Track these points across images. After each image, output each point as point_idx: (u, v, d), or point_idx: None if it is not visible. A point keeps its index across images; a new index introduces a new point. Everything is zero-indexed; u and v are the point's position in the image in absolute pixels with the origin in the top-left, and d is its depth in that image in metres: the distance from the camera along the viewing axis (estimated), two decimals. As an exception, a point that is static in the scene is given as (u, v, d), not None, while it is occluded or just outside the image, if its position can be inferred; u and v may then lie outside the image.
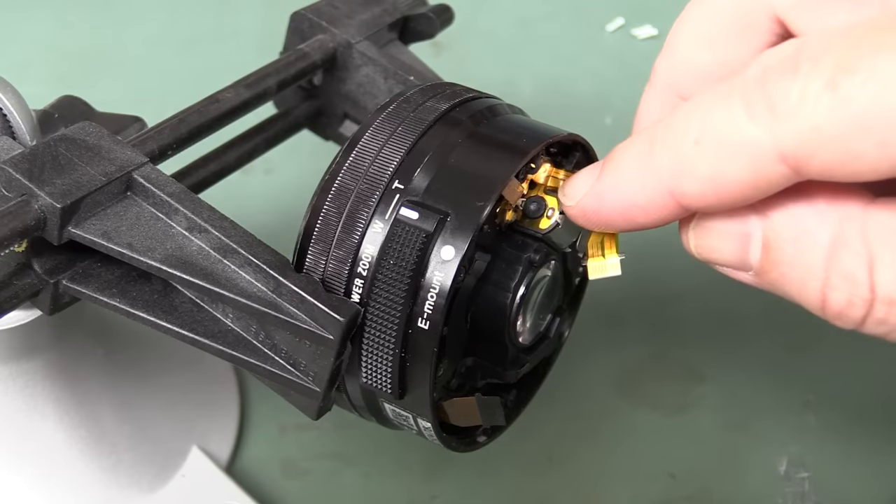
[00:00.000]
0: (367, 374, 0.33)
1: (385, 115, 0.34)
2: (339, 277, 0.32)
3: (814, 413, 0.50)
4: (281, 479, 0.47)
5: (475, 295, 0.33)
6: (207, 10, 0.70)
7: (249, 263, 0.32)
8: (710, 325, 0.54)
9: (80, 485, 0.43)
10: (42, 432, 0.42)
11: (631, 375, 0.52)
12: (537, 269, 0.34)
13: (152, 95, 0.63)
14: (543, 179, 0.35)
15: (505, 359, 0.35)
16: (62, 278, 0.34)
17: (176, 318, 0.33)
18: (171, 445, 0.45)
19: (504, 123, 0.35)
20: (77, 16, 0.69)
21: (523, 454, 0.48)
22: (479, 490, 0.47)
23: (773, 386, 0.52)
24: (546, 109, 0.58)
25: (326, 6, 0.43)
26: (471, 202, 0.32)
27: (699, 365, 0.52)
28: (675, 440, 0.49)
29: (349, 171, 0.33)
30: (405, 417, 0.34)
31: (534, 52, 0.69)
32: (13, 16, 0.68)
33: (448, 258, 0.31)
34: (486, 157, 0.33)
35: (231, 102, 0.39)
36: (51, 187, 0.32)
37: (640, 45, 0.70)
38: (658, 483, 0.48)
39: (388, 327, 0.32)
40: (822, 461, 0.49)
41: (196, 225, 0.33)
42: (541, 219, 0.35)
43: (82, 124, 0.35)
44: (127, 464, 0.44)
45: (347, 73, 0.42)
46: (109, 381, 0.44)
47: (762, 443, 0.49)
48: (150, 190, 0.33)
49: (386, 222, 0.32)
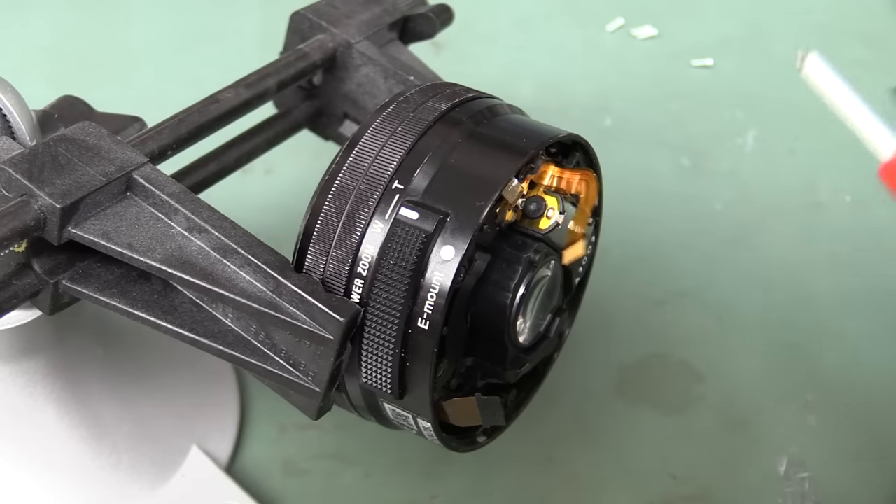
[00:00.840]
0: (367, 374, 0.33)
1: (385, 115, 0.34)
2: (339, 277, 0.32)
3: (814, 413, 0.50)
4: (281, 479, 0.47)
5: (475, 295, 0.33)
6: (207, 10, 0.70)
7: (249, 263, 0.32)
8: (710, 325, 0.54)
9: (81, 484, 0.43)
10: (42, 432, 0.42)
11: (631, 375, 0.52)
12: (537, 269, 0.34)
13: (152, 95, 0.63)
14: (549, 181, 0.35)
15: (505, 359, 0.35)
16: (62, 278, 0.34)
17: (176, 318, 0.33)
18: (171, 445, 0.45)
19: (504, 123, 0.35)
20: (77, 16, 0.69)
21: (523, 454, 0.48)
22: (479, 490, 0.47)
23: (773, 386, 0.52)
24: (546, 109, 0.58)
25: (326, 6, 0.43)
26: (471, 202, 0.32)
27: (699, 365, 0.52)
28: (675, 440, 0.49)
29: (349, 171, 0.33)
30: (405, 417, 0.34)
31: (534, 52, 0.69)
32: (13, 16, 0.68)
33: (448, 258, 0.31)
34: (485, 157, 0.33)
35: (231, 102, 0.39)
36: (51, 187, 0.32)
37: (640, 45, 0.70)
38: (658, 483, 0.48)
39: (388, 327, 0.32)
40: (822, 461, 0.49)
41: (196, 225, 0.33)
42: (541, 219, 0.35)
43: (82, 124, 0.35)
44: (127, 463, 0.44)
45: (347, 73, 0.42)
46: (109, 380, 0.44)
47: (762, 443, 0.49)
48: (150, 190, 0.33)
49: (386, 222, 0.32)
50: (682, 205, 0.60)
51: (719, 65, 0.69)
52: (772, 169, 0.63)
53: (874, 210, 0.60)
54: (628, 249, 0.57)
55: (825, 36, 0.72)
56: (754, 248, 0.58)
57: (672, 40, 0.71)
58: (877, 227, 0.59)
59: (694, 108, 0.66)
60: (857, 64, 0.69)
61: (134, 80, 0.65)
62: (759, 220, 0.60)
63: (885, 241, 0.59)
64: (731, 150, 0.63)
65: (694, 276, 0.56)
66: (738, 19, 0.73)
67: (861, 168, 0.63)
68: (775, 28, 0.72)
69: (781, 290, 0.56)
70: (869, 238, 0.59)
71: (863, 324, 0.54)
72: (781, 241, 0.58)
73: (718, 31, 0.72)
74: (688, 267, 0.56)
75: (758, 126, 0.65)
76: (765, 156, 0.63)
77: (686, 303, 0.55)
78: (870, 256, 0.58)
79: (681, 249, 0.57)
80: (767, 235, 0.59)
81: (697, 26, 0.72)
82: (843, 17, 0.73)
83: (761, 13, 0.73)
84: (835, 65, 0.36)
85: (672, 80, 0.68)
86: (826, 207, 0.60)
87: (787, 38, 0.71)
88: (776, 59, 0.70)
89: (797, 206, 0.60)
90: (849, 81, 0.35)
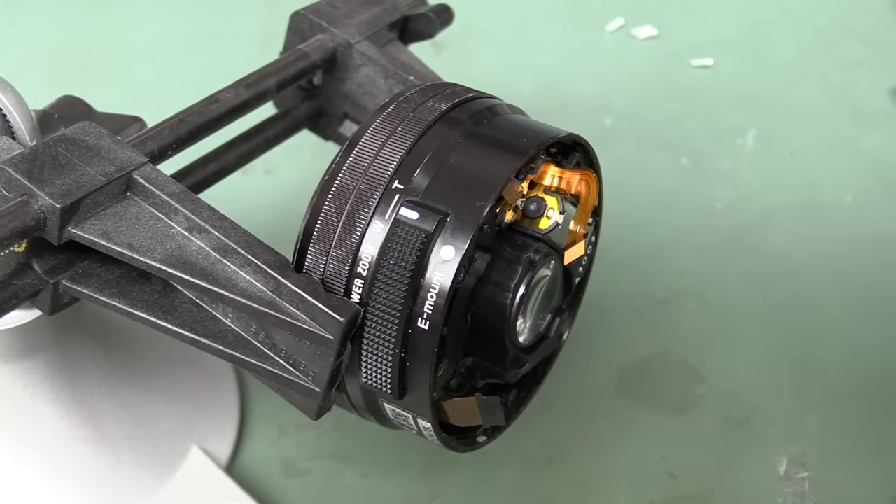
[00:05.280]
0: (367, 374, 0.33)
1: (385, 115, 0.34)
2: (339, 277, 0.32)
3: (814, 413, 0.50)
4: (281, 479, 0.47)
5: (475, 295, 0.33)
6: (207, 10, 0.70)
7: (249, 263, 0.32)
8: (710, 325, 0.54)
9: (81, 484, 0.43)
10: (42, 433, 0.42)
11: (631, 375, 0.52)
12: (537, 269, 0.34)
13: (152, 95, 0.63)
14: (549, 181, 0.35)
15: (505, 359, 0.35)
16: (62, 278, 0.34)
17: (176, 318, 0.33)
18: (171, 445, 0.45)
19: (504, 123, 0.35)
20: (77, 16, 0.69)
21: (523, 454, 0.48)
22: (479, 490, 0.47)
23: (774, 386, 0.52)
24: (546, 109, 0.58)
25: (326, 6, 0.43)
26: (471, 202, 0.32)
27: (699, 365, 0.52)
28: (675, 440, 0.49)
29: (349, 171, 0.33)
30: (405, 417, 0.34)
31: (534, 52, 0.69)
32: (13, 16, 0.68)
33: (448, 258, 0.31)
34: (485, 157, 0.33)
35: (231, 102, 0.39)
36: (51, 187, 0.32)
37: (640, 45, 0.70)
38: (658, 483, 0.48)
39: (388, 327, 0.32)
40: (822, 461, 0.49)
41: (196, 225, 0.33)
42: (541, 219, 0.35)
43: (82, 124, 0.35)
44: (127, 464, 0.44)
45: (347, 73, 0.42)
46: (109, 381, 0.44)
47: (762, 443, 0.49)
48: (150, 190, 0.33)
49: (386, 222, 0.32)
50: (682, 205, 0.60)
51: (719, 65, 0.69)
52: (772, 169, 0.63)
53: (874, 210, 0.60)
54: (628, 249, 0.57)
55: (825, 36, 0.72)
56: (754, 247, 0.58)
57: (672, 40, 0.71)
58: (877, 227, 0.59)
59: (694, 108, 0.66)
60: (857, 64, 0.69)
61: (134, 80, 0.65)
62: (759, 220, 0.60)
63: (885, 241, 0.59)
64: (731, 150, 0.63)
65: (694, 276, 0.56)
66: (738, 19, 0.73)
67: (861, 168, 0.63)
68: (775, 28, 0.72)
69: (782, 289, 0.56)
70: (869, 238, 0.59)
71: (863, 324, 0.54)
72: (781, 241, 0.58)
73: (718, 31, 0.72)
74: (688, 267, 0.56)
75: (758, 126, 0.65)
76: (765, 156, 0.63)
77: (686, 302, 0.55)
78: (870, 256, 0.58)
79: (681, 249, 0.57)
80: (767, 235, 0.59)
81: (697, 26, 0.72)
82: (842, 18, 0.73)
83: (761, 13, 0.73)
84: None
85: (672, 80, 0.68)
86: (826, 207, 0.60)
87: (786, 39, 0.71)
88: (776, 59, 0.70)
89: (797, 206, 0.60)
90: None
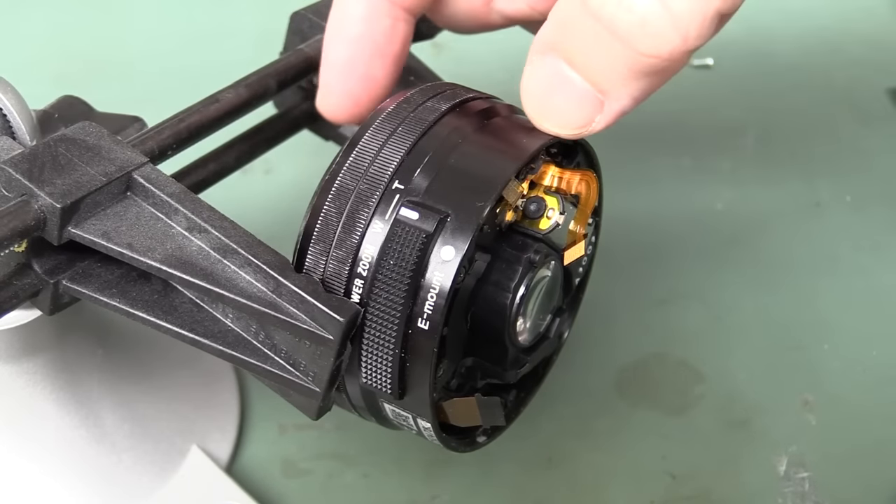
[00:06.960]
0: (366, 374, 0.33)
1: (385, 115, 0.34)
2: (339, 278, 0.32)
3: (814, 413, 0.50)
4: (281, 479, 0.47)
5: (475, 295, 0.33)
6: (207, 9, 0.70)
7: (249, 264, 0.32)
8: (710, 325, 0.54)
9: (81, 484, 0.43)
10: (42, 432, 0.42)
11: (631, 375, 0.52)
12: (537, 270, 0.34)
13: (152, 95, 0.63)
14: (549, 181, 0.35)
15: (505, 359, 0.35)
16: (62, 278, 0.34)
17: (176, 318, 0.33)
18: (171, 445, 0.45)
19: (504, 124, 0.35)
20: (77, 16, 0.69)
21: (523, 454, 0.48)
22: (479, 490, 0.47)
23: (773, 386, 0.52)
24: (546, 109, 0.58)
25: (326, 6, 0.43)
26: (471, 202, 0.32)
27: (699, 365, 0.52)
28: (675, 440, 0.49)
29: (349, 171, 0.33)
30: (405, 417, 0.34)
31: (534, 52, 0.69)
32: (13, 16, 0.68)
33: (448, 258, 0.31)
34: (486, 158, 0.33)
35: (231, 102, 0.39)
36: (51, 187, 0.32)
37: (640, 44, 0.70)
38: (658, 483, 0.48)
39: (388, 327, 0.32)
40: (822, 461, 0.49)
41: (196, 225, 0.33)
42: (541, 219, 0.35)
43: (82, 124, 0.35)
44: (127, 463, 0.44)
45: (347, 73, 0.42)
46: (109, 381, 0.44)
47: (762, 443, 0.49)
48: (150, 190, 0.33)
49: (386, 222, 0.32)
50: (682, 205, 0.60)
51: (719, 65, 0.69)
52: (772, 169, 0.63)
53: (874, 210, 0.60)
54: (628, 249, 0.57)
55: (825, 36, 0.72)
56: (754, 248, 0.58)
57: (672, 40, 0.71)
58: (877, 227, 0.59)
59: (694, 108, 0.66)
60: (857, 64, 0.69)
61: (134, 80, 0.65)
62: (759, 220, 0.60)
63: (884, 242, 0.59)
64: (731, 150, 0.63)
65: (694, 276, 0.56)
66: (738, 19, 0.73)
67: (861, 168, 0.63)
68: (775, 28, 0.72)
69: (781, 289, 0.56)
70: (869, 238, 0.59)
71: (863, 324, 0.54)
72: (781, 241, 0.58)
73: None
74: (688, 267, 0.56)
75: (758, 126, 0.65)
76: (765, 156, 0.63)
77: (686, 303, 0.55)
78: (869, 256, 0.58)
79: (681, 249, 0.57)
80: (767, 235, 0.59)
81: (697, 26, 0.72)
82: (843, 18, 0.73)
83: (761, 13, 0.73)
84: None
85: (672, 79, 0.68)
86: (826, 207, 0.60)
87: (787, 39, 0.71)
88: (776, 59, 0.70)
89: (797, 206, 0.60)
90: None
